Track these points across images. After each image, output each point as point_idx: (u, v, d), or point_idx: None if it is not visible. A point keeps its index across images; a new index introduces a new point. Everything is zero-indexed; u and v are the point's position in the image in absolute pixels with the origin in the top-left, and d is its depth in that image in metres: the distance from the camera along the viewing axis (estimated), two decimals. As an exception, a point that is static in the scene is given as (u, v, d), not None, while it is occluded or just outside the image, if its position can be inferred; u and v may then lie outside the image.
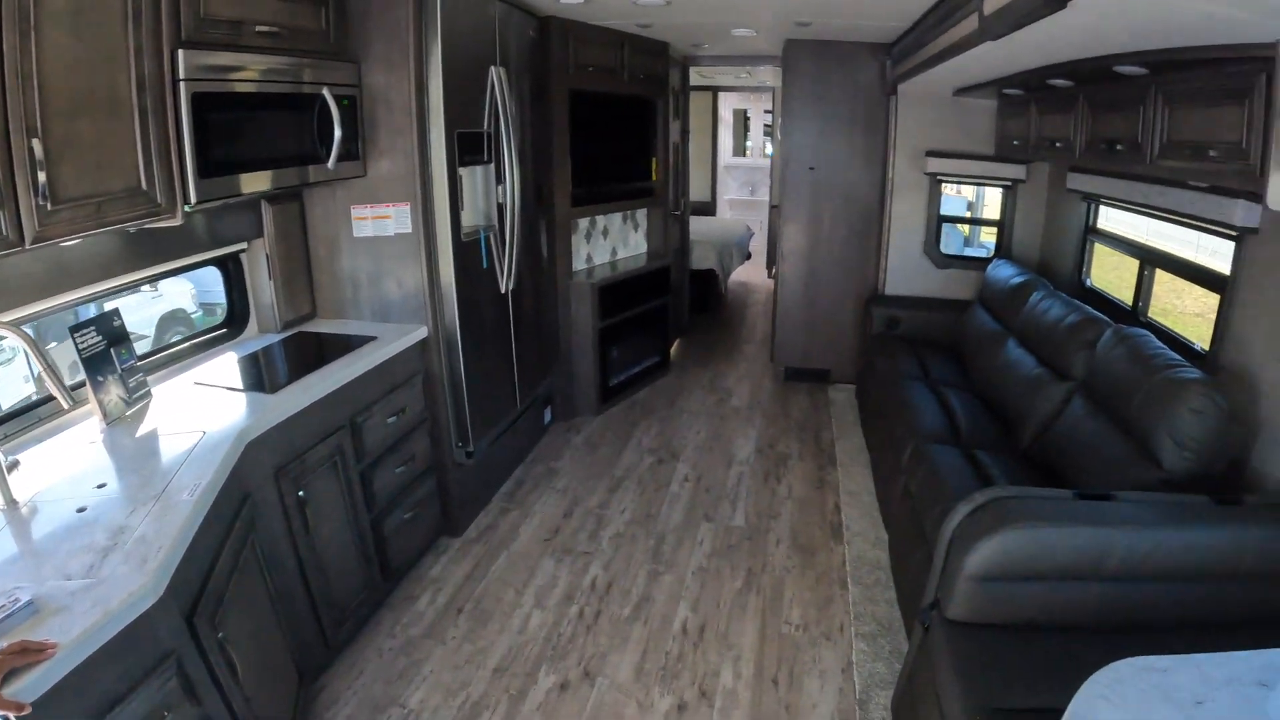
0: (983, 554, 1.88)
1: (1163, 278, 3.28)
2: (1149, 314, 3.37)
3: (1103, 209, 3.90)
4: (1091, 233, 3.95)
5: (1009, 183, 4.48)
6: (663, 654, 2.49)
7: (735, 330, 6.44)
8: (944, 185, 4.65)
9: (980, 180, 4.82)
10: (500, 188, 3.17)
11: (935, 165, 4.52)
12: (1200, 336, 2.90)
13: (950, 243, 6.12)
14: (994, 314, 4.03)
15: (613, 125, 4.44)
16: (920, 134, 4.52)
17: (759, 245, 8.61)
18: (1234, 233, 2.56)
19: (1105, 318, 3.06)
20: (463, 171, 2.91)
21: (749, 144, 10.58)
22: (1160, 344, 2.68)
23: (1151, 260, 3.31)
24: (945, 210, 4.80)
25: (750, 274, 8.48)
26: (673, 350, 5.68)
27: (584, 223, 4.44)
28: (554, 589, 2.80)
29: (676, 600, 2.74)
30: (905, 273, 4.75)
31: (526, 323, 3.61)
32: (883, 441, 3.48)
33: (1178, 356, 2.55)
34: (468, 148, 2.93)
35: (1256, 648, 1.54)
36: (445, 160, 2.78)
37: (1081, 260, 4.01)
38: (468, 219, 2.98)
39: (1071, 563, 1.92)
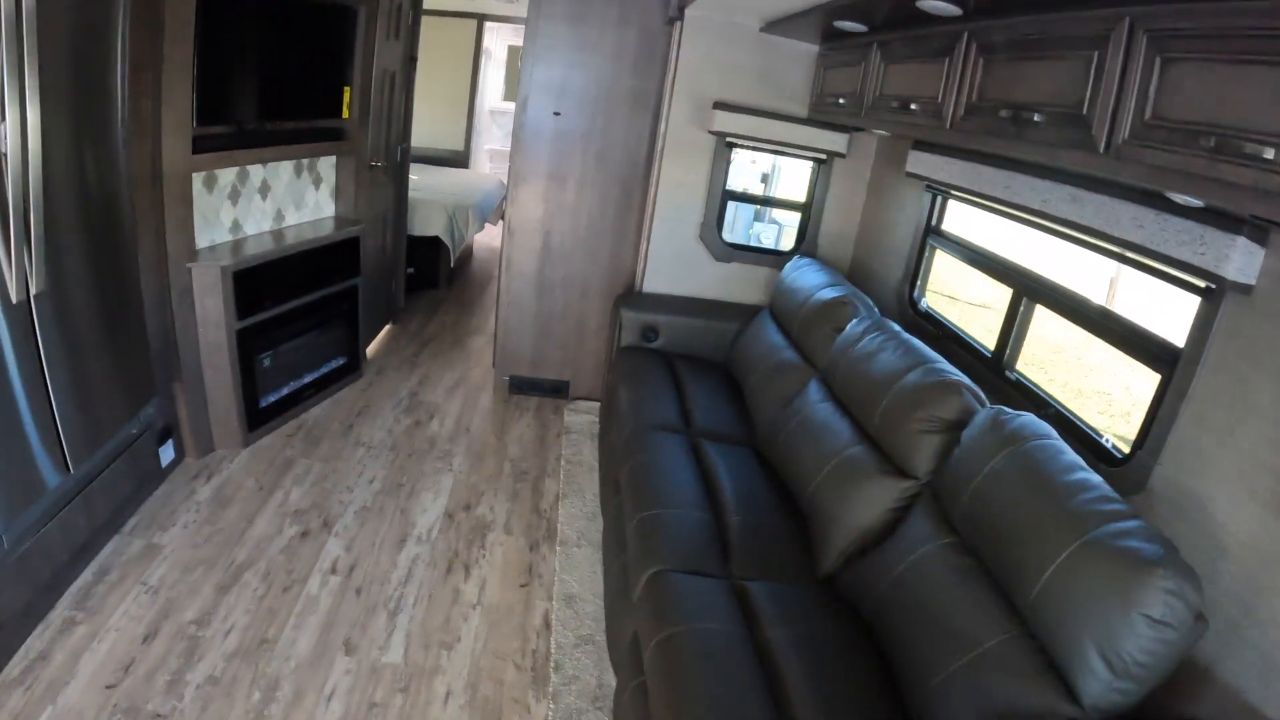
0: None
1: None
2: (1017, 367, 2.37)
3: (952, 204, 2.86)
4: (934, 235, 2.93)
5: (823, 156, 3.51)
6: None
7: (467, 315, 5.25)
8: (735, 150, 3.53)
9: (786, 148, 3.53)
10: (2, 127, 1.77)
11: (725, 122, 3.38)
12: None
13: (738, 226, 5.10)
14: (790, 336, 3.05)
15: (277, 36, 3.00)
16: (710, 79, 3.40)
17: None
18: (1204, 285, 1.59)
19: (970, 382, 2.04)
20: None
21: (525, 87, 9.36)
22: (1072, 454, 1.64)
23: (1033, 293, 2.28)
24: (734, 184, 3.67)
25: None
26: (376, 343, 4.43)
27: (227, 176, 3.01)
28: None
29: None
30: (673, 263, 3.69)
31: (86, 339, 2.19)
32: (616, 524, 2.39)
33: (1112, 492, 1.50)
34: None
35: None
36: None
37: (916, 273, 3.04)
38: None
39: None
